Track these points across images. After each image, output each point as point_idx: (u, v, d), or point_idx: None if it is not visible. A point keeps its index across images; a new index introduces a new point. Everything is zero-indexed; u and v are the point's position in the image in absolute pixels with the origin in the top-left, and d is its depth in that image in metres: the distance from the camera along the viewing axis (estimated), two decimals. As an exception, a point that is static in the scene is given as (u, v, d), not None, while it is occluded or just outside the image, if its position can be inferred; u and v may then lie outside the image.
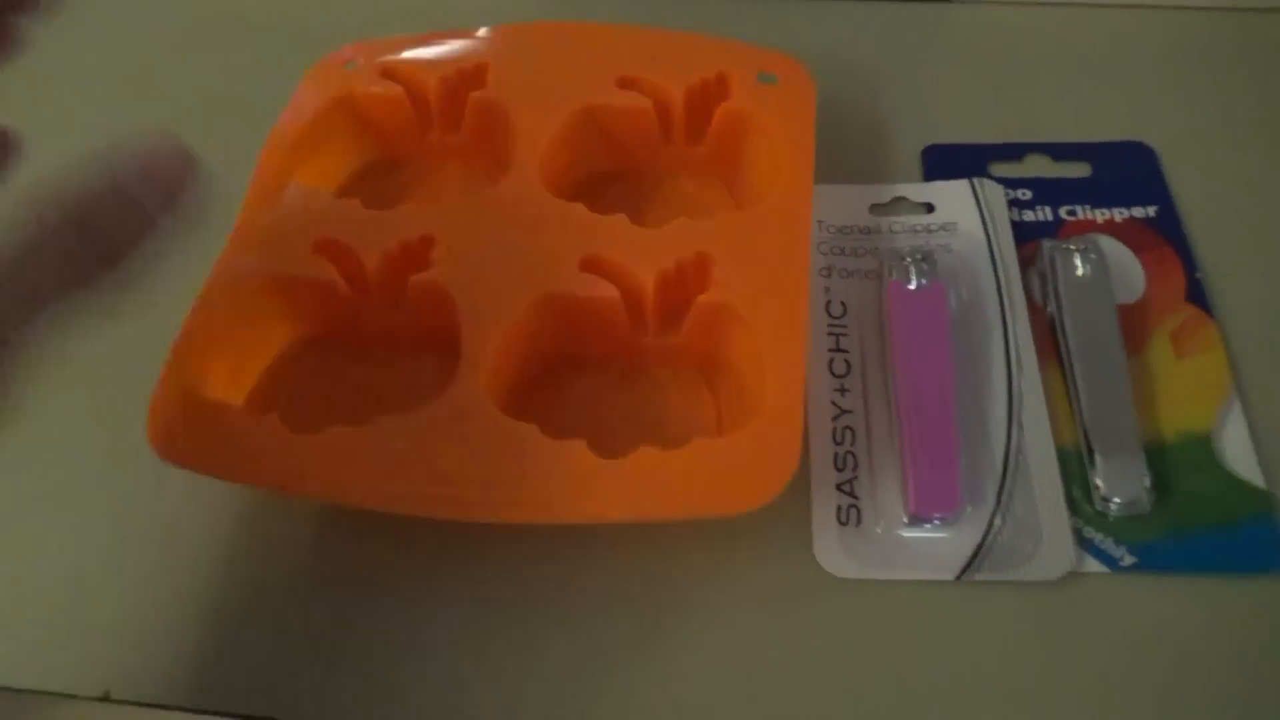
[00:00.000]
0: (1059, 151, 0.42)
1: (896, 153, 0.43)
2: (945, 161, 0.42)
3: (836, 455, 0.35)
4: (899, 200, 0.41)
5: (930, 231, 0.40)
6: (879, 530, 0.33)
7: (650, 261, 0.35)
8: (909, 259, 0.37)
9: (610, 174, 0.42)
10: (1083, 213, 0.40)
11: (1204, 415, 0.34)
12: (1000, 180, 0.41)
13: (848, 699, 0.30)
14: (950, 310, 0.36)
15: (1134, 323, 0.36)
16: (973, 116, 0.44)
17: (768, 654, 0.31)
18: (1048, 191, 0.41)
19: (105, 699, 0.31)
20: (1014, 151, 0.43)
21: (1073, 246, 0.37)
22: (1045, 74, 0.46)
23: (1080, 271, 0.37)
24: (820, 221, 0.40)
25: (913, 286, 0.36)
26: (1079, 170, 0.42)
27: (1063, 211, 0.40)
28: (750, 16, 0.49)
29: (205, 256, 0.36)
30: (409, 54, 0.42)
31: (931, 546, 0.33)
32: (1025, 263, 0.39)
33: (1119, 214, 0.40)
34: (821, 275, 0.39)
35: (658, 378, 0.36)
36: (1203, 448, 0.34)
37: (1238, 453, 0.33)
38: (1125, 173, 0.42)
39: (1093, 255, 0.37)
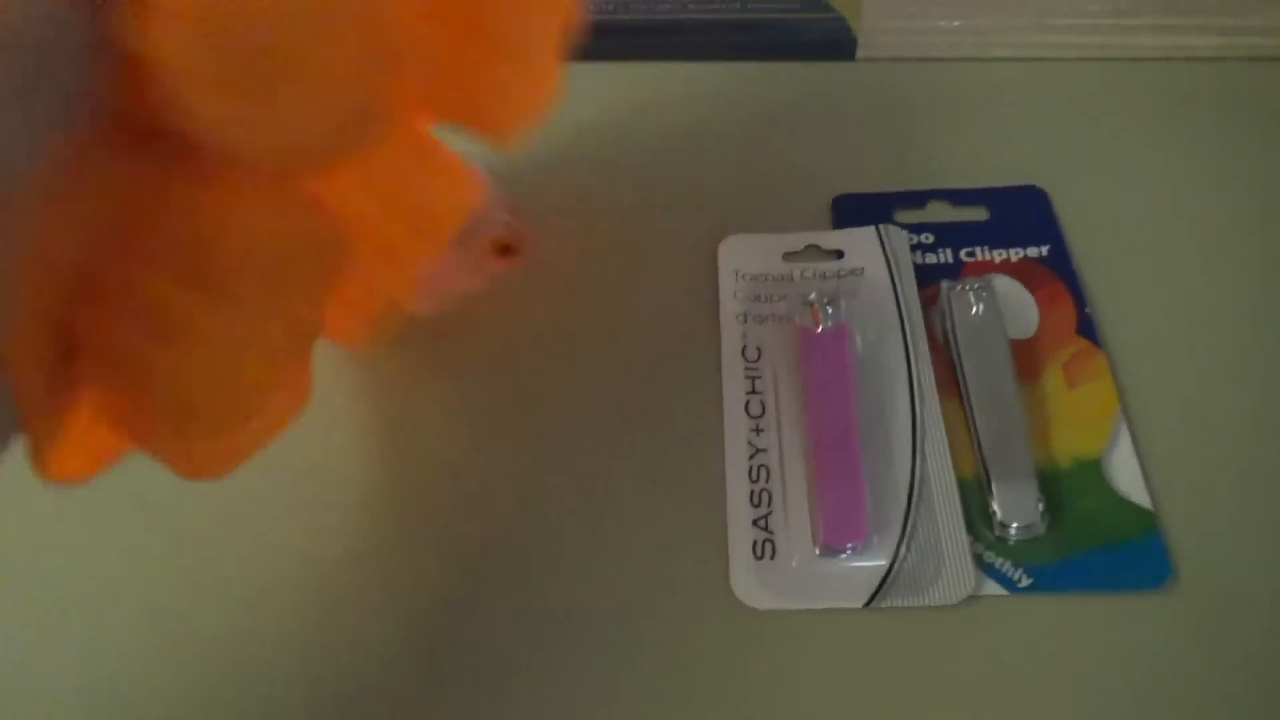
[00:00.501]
0: (958, 197, 0.45)
1: (808, 203, 0.46)
2: (854, 210, 0.45)
3: (752, 492, 0.36)
4: (811, 248, 0.44)
5: (840, 277, 0.42)
6: (793, 563, 0.35)
7: None
8: (815, 303, 0.39)
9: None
10: (981, 253, 0.43)
11: (1094, 441, 0.37)
12: (905, 225, 0.44)
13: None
14: (855, 350, 0.38)
15: (1028, 356, 0.39)
16: (879, 167, 0.47)
17: (686, 686, 0.32)
18: (949, 235, 0.44)
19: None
20: (917, 199, 0.45)
21: (968, 286, 0.40)
22: (945, 124, 0.48)
23: (974, 310, 0.39)
24: (736, 270, 0.43)
25: (819, 329, 0.39)
26: (977, 214, 0.44)
27: (963, 253, 0.43)
28: (664, 79, 0.51)
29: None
30: None
31: (842, 576, 0.34)
32: (927, 303, 0.41)
33: (1014, 254, 0.43)
34: (737, 321, 0.41)
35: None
36: (1093, 471, 0.36)
37: (1125, 475, 0.36)
38: (1020, 215, 0.44)
39: (985, 294, 0.39)
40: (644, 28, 0.52)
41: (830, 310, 0.39)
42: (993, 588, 0.34)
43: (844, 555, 0.35)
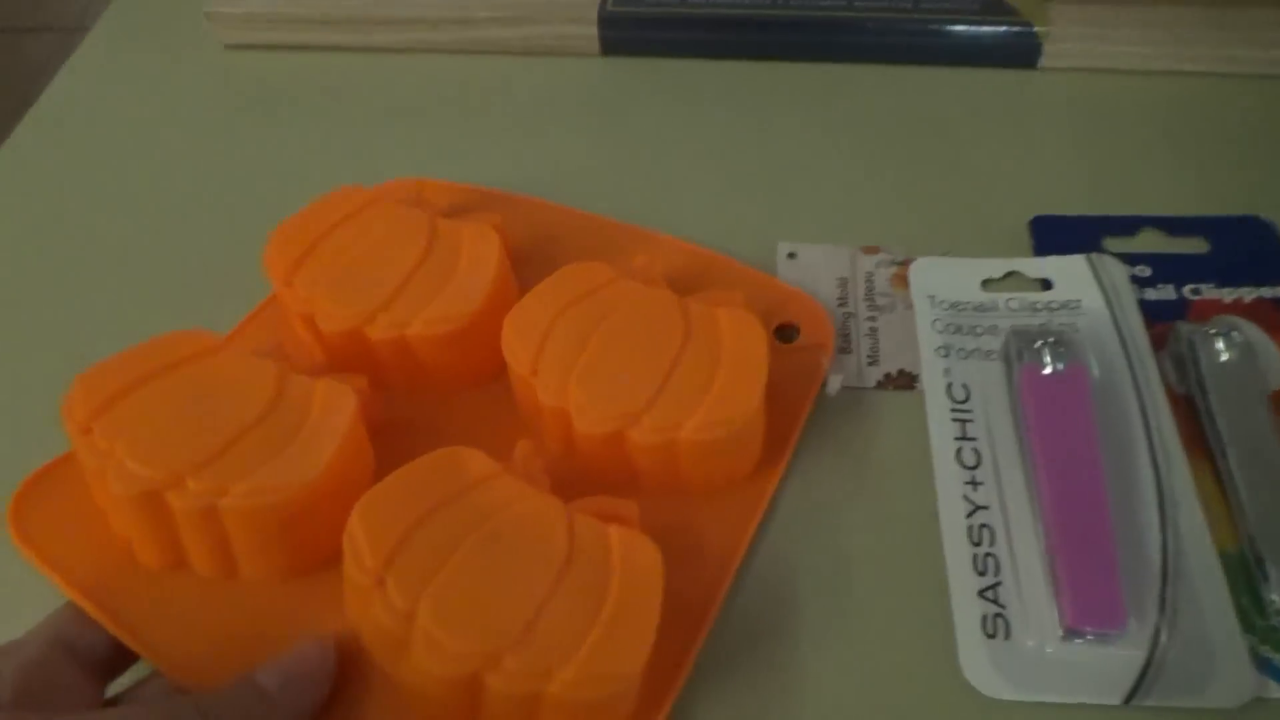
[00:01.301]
0: (1174, 225, 0.40)
1: (1001, 224, 0.41)
2: (1056, 234, 0.40)
3: (975, 557, 0.31)
4: (1012, 275, 0.39)
5: (1051, 309, 0.37)
6: (1030, 644, 0.30)
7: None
8: (1041, 341, 0.34)
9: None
10: (1208, 291, 0.38)
11: (1372, 516, 0.32)
12: (1115, 255, 0.39)
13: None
14: (1093, 397, 0.33)
15: (1281, 412, 0.34)
16: (1078, 187, 0.42)
17: (918, 789, 0.28)
18: (1167, 268, 0.39)
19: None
20: (1127, 225, 0.40)
21: (1215, 330, 0.35)
22: (1146, 143, 0.44)
23: (1225, 357, 0.34)
24: (932, 296, 0.38)
25: (1048, 371, 0.34)
26: (1196, 245, 0.40)
27: (1186, 290, 0.38)
28: (839, 81, 0.47)
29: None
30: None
31: (1093, 664, 0.29)
32: (1155, 345, 0.36)
33: (1247, 294, 0.38)
34: (939, 355, 0.36)
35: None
36: (1376, 553, 0.31)
37: None
38: (1245, 249, 0.39)
39: (1238, 339, 0.34)
40: (809, 23, 0.48)
41: (1061, 349, 0.34)
42: (1277, 690, 0.29)
43: (1088, 639, 0.30)
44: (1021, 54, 0.47)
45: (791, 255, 0.40)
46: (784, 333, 0.37)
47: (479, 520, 0.28)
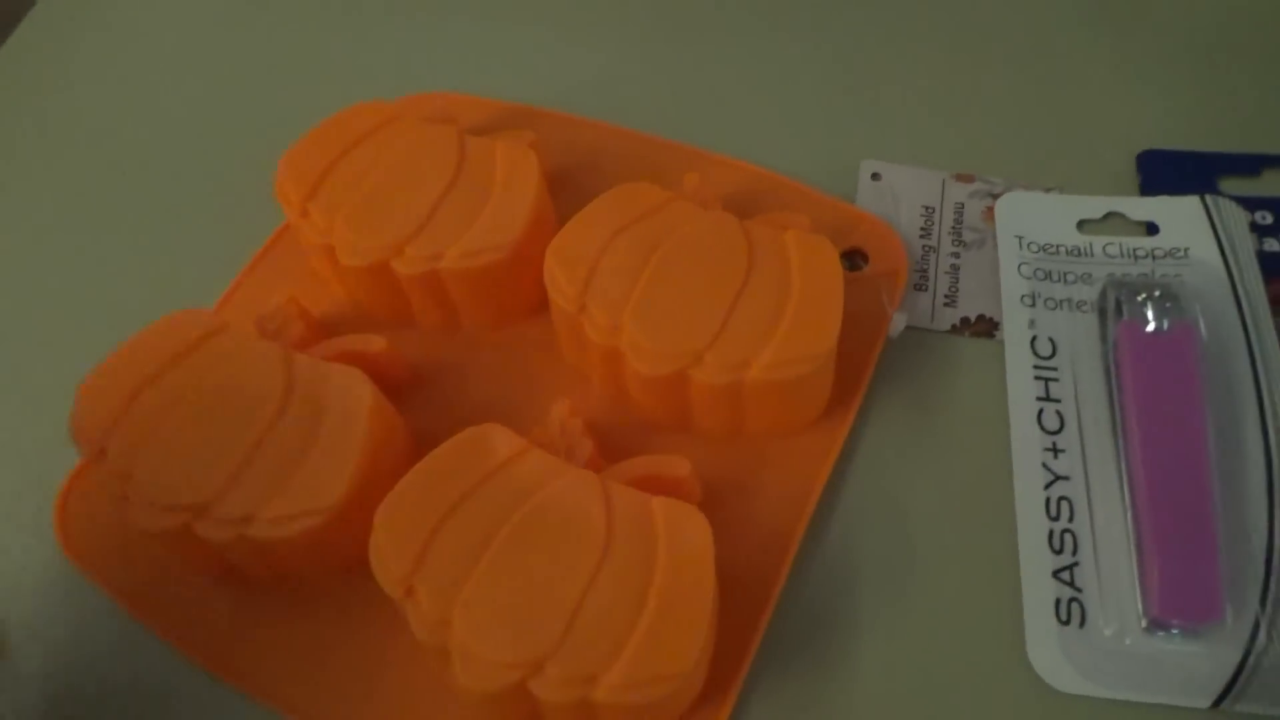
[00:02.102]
0: (1305, 167, 0.35)
1: (1104, 158, 0.36)
2: (1166, 172, 0.35)
3: (1051, 533, 0.28)
4: (1113, 216, 0.34)
5: (1155, 258, 0.33)
6: (1108, 634, 0.27)
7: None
8: (1145, 294, 0.30)
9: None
10: (1339, 245, 0.33)
11: None
12: (1233, 198, 0.34)
13: None
14: (1202, 362, 0.30)
15: None
16: (1194, 118, 0.37)
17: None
18: (1294, 216, 0.34)
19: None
20: (1249, 164, 0.36)
21: (1348, 290, 0.30)
22: (1272, 69, 0.38)
23: (1359, 322, 0.30)
24: (1020, 237, 0.34)
25: (1151, 329, 0.30)
26: (1330, 191, 0.35)
27: (1314, 241, 0.34)
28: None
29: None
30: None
31: (1177, 662, 0.26)
32: (1273, 303, 0.32)
33: (1386, 249, 0.33)
34: (1024, 304, 0.32)
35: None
36: None
37: None
38: (1386, 197, 0.35)
39: (1376, 303, 0.30)
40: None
41: (1168, 305, 0.30)
42: (1390, 704, 0.25)
43: (1173, 632, 0.26)
44: (1139, -38, 0.41)
45: (875, 176, 0.36)
46: (851, 261, 0.34)
47: (509, 509, 0.25)
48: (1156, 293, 0.30)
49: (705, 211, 0.31)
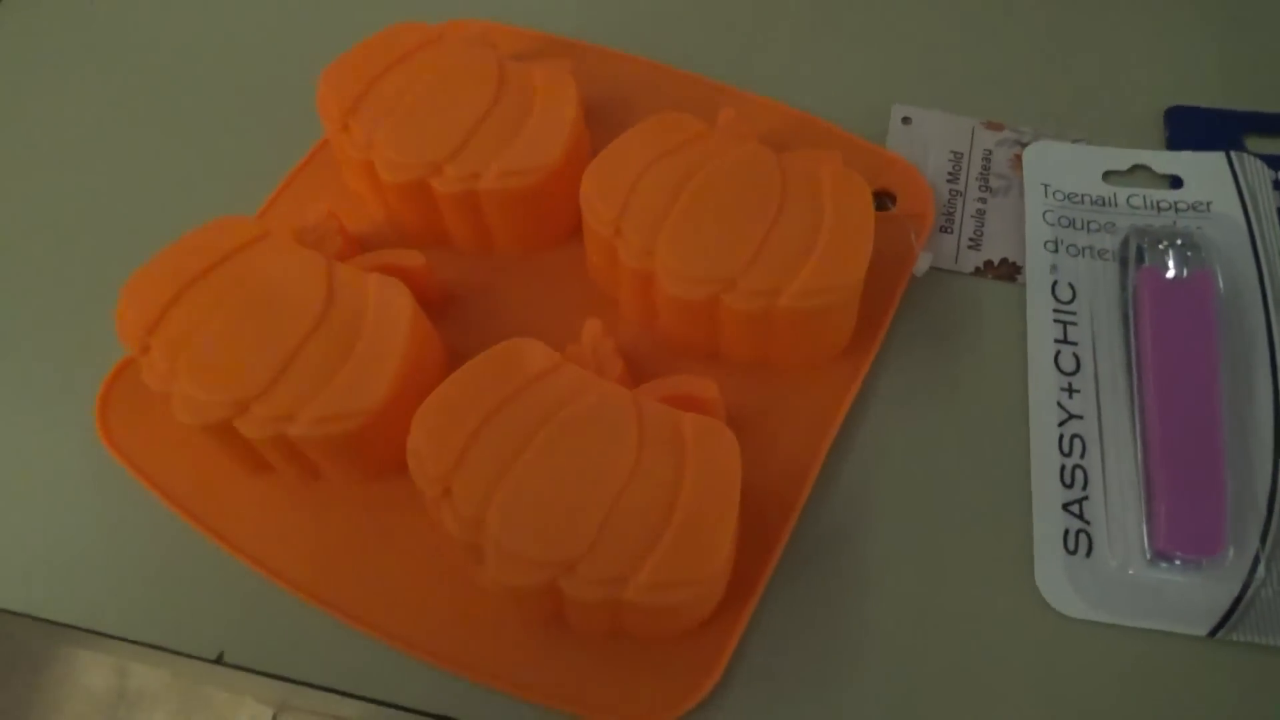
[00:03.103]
0: (1330, 128, 0.36)
1: (1133, 112, 0.37)
2: (1193, 128, 0.36)
3: (1063, 469, 0.29)
4: (1138, 169, 0.35)
5: (1178, 210, 0.34)
6: (1114, 564, 0.28)
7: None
8: (1166, 242, 0.31)
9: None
10: (1360, 204, 0.34)
11: None
12: (1259, 156, 0.35)
13: (1071, 764, 0.25)
14: (1219, 309, 0.30)
15: None
16: (1224, 76, 0.37)
17: (978, 692, 0.26)
18: (1317, 175, 0.35)
19: (219, 661, 0.27)
20: (1275, 123, 0.36)
21: (1365, 247, 0.31)
22: (1310, 34, 0.39)
23: (1374, 278, 0.31)
24: (1046, 185, 0.34)
25: (1171, 276, 0.31)
26: (1353, 153, 0.35)
27: (1335, 201, 0.34)
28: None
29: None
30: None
31: (1178, 592, 0.27)
32: (1291, 258, 0.33)
33: (1404, 211, 0.34)
34: (1047, 250, 0.33)
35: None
36: None
37: None
38: None
39: (1392, 260, 0.31)
40: None
41: (1189, 254, 0.31)
42: (1380, 638, 0.27)
43: (1176, 564, 0.28)
44: (1178, -80, 0.41)
45: (906, 120, 0.36)
46: (879, 201, 0.34)
47: (544, 418, 0.26)
48: (1178, 241, 0.31)
49: (742, 143, 0.31)
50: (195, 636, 0.28)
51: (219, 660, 0.27)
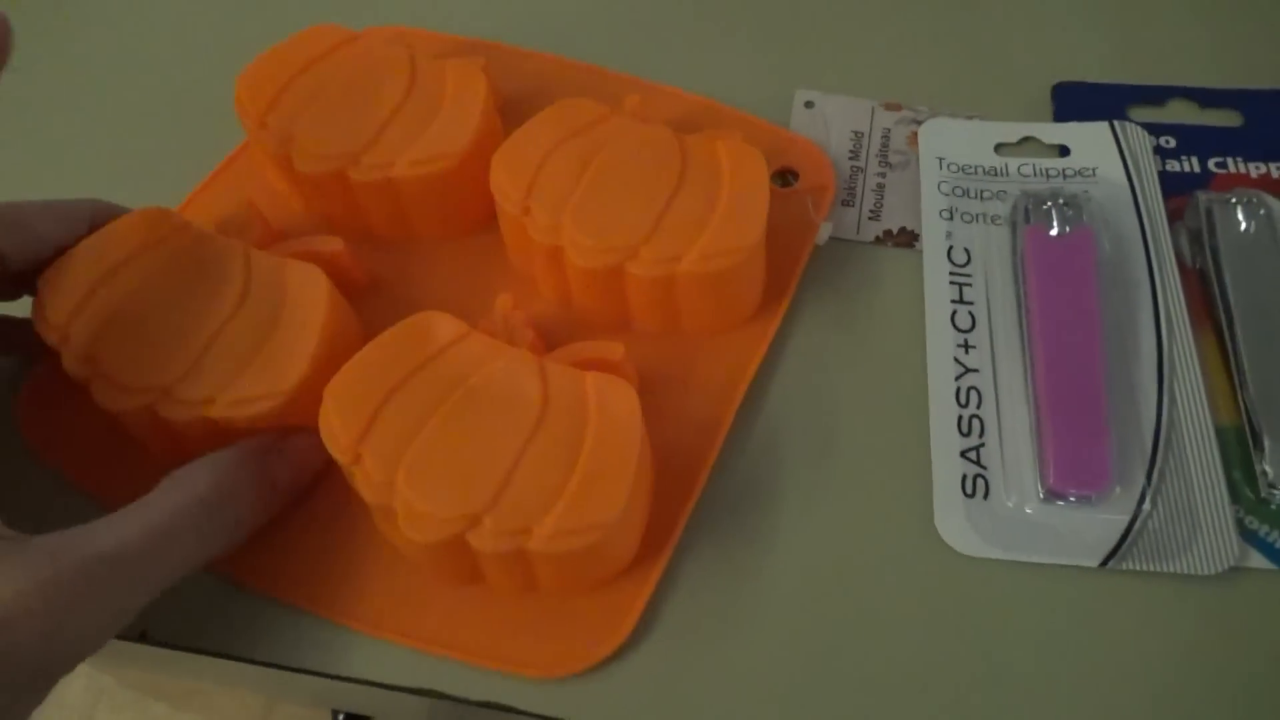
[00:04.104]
0: (1206, 97, 0.38)
1: (1023, 89, 0.39)
2: (1079, 101, 0.38)
3: (960, 419, 0.31)
4: (1028, 140, 0.37)
5: (1066, 177, 0.35)
6: (1010, 505, 0.29)
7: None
8: (1050, 203, 0.33)
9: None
10: (1234, 165, 0.36)
11: (1380, 397, 0.30)
12: (1140, 125, 0.37)
13: (972, 691, 0.26)
14: (1099, 262, 0.32)
15: (1299, 290, 0.32)
16: (1108, 53, 0.40)
17: (884, 632, 0.27)
18: (1194, 140, 0.37)
19: (143, 639, 0.27)
20: (1156, 95, 0.38)
21: (1235, 200, 0.33)
22: (1186, 8, 0.41)
23: (1244, 228, 0.32)
24: (941, 159, 0.36)
25: (1055, 233, 0.32)
26: (1228, 118, 0.37)
27: (1211, 163, 0.36)
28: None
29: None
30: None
31: (1071, 527, 0.29)
32: (1172, 217, 0.34)
33: (1276, 169, 0.36)
34: (942, 218, 0.35)
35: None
36: (1380, 434, 0.30)
37: None
38: (1280, 124, 0.37)
39: (1259, 211, 0.32)
40: None
41: (1069, 212, 0.32)
42: (1258, 560, 0.28)
43: (1069, 502, 0.29)
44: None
45: (809, 104, 0.38)
46: (783, 178, 0.36)
47: (451, 385, 0.27)
48: (1060, 200, 0.33)
49: (643, 124, 0.33)
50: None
51: (142, 638, 0.27)
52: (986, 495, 0.29)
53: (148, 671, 0.73)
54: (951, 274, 0.34)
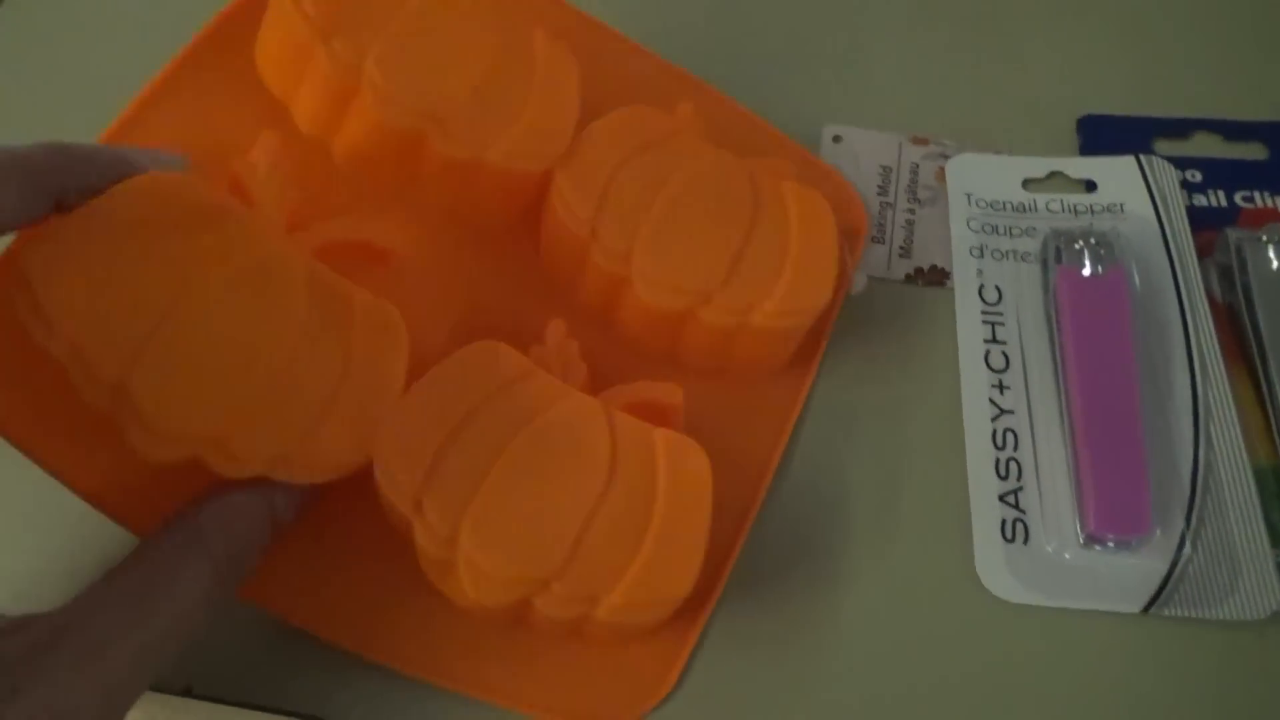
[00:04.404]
0: (1231, 130, 0.38)
1: (1048, 121, 0.39)
2: (1104, 134, 0.38)
3: (998, 461, 0.31)
4: (1055, 175, 0.37)
5: (1094, 213, 0.35)
6: (1049, 550, 0.29)
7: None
8: (1081, 242, 0.33)
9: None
10: (1261, 199, 0.36)
11: None
12: (1165, 159, 0.37)
13: (1018, 743, 0.27)
14: (1133, 303, 0.32)
15: (1331, 328, 0.32)
16: (1132, 85, 0.39)
17: (925, 680, 0.27)
18: (1220, 174, 0.37)
19: (187, 693, 0.27)
20: (1180, 127, 0.38)
21: (1266, 237, 0.33)
22: (1209, 41, 0.41)
23: (1276, 265, 0.32)
24: (969, 195, 0.36)
25: (1087, 273, 0.32)
26: (1254, 152, 0.37)
27: (1238, 197, 0.36)
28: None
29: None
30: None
31: (1111, 572, 0.29)
32: (1200, 253, 0.34)
33: (1304, 204, 0.36)
34: (972, 255, 0.35)
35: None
36: None
37: None
38: (1306, 158, 0.37)
39: (1291, 248, 0.33)
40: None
41: (1102, 251, 0.32)
42: (1301, 605, 0.28)
43: (1108, 546, 0.29)
44: (1081, -59, 0.44)
45: (837, 139, 0.38)
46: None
47: (515, 427, 0.26)
48: (1092, 240, 0.33)
49: (709, 149, 0.32)
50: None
51: (187, 693, 0.27)
52: (1026, 540, 0.29)
53: None
54: (983, 313, 0.33)
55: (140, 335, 0.23)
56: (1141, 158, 0.36)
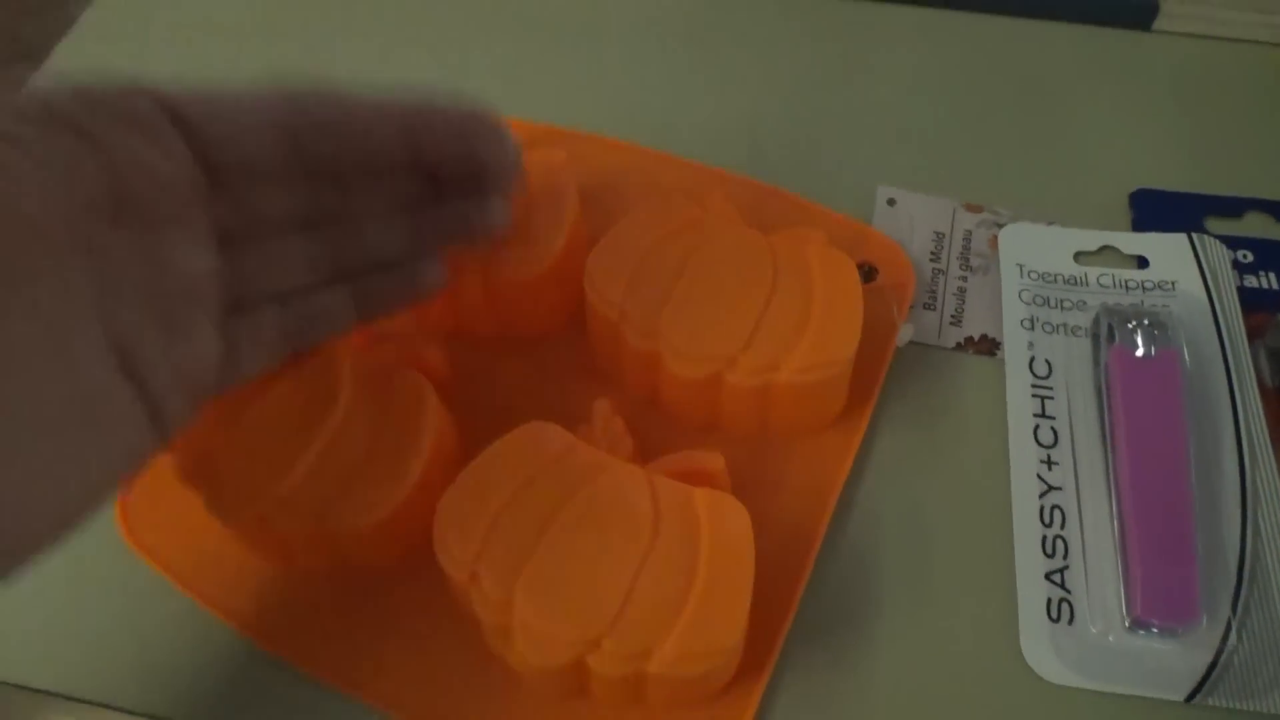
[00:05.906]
0: (1283, 211, 0.38)
1: (1101, 195, 0.39)
2: (1157, 210, 0.38)
3: (1045, 539, 0.31)
4: (1107, 249, 0.37)
5: (1145, 289, 0.36)
6: (1095, 631, 0.29)
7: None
8: (1135, 322, 0.33)
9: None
10: (1313, 284, 0.36)
11: None
12: (1217, 237, 0.37)
13: (1060, 828, 0.27)
14: (1185, 386, 0.32)
15: (1381, 419, 0.32)
16: (1184, 161, 0.40)
17: (967, 764, 0.27)
18: (1272, 255, 0.37)
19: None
20: (1233, 206, 0.38)
21: (1319, 325, 0.33)
22: (1263, 119, 0.41)
23: (1328, 355, 0.33)
24: (1021, 265, 0.36)
25: (1140, 354, 0.32)
26: (1305, 234, 0.38)
27: (1290, 280, 0.36)
28: (935, 28, 0.44)
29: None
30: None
31: (1156, 658, 0.29)
32: (1251, 335, 0.35)
33: (1355, 290, 0.36)
34: (1023, 327, 0.35)
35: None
36: None
37: None
38: (1358, 242, 0.37)
39: (1344, 338, 0.33)
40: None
41: (1156, 333, 0.33)
42: (1346, 702, 0.28)
43: (1151, 632, 0.29)
44: (1137, 11, 0.44)
45: (891, 202, 0.38)
46: (865, 273, 0.36)
47: (563, 499, 0.27)
48: (1146, 321, 0.33)
49: (732, 226, 0.33)
50: None
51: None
52: (1072, 620, 0.29)
53: None
54: (1034, 386, 0.34)
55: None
56: (1194, 236, 0.37)
